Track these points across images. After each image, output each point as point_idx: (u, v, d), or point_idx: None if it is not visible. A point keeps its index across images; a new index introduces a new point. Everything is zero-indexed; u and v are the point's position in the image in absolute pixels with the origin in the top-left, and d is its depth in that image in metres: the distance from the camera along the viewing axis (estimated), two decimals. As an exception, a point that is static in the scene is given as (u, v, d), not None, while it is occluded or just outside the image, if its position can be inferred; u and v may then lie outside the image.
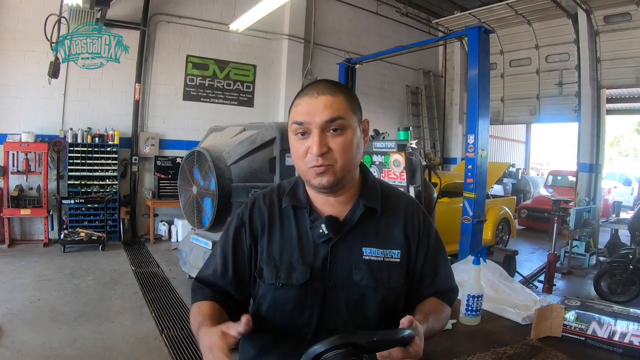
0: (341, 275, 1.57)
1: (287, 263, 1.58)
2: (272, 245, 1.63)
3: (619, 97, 15.22)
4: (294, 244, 1.61)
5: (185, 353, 4.77)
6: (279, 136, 6.23)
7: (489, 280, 2.80)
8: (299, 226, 1.63)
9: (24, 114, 9.03)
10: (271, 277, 1.58)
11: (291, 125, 1.52)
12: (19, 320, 5.31)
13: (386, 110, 14.23)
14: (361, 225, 1.61)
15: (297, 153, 1.52)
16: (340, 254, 1.58)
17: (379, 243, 1.62)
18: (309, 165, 1.49)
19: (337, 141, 1.47)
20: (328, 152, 1.47)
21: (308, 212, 1.62)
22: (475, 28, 6.80)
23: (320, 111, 1.45)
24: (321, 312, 1.56)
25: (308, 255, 1.58)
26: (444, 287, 1.74)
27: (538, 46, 12.43)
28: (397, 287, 1.62)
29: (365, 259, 1.59)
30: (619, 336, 2.06)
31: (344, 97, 1.50)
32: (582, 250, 9.25)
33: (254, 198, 1.75)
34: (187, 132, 10.77)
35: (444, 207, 7.94)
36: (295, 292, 1.57)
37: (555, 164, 26.88)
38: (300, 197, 1.65)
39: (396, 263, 1.62)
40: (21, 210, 8.64)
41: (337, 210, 1.62)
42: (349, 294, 1.57)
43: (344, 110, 1.48)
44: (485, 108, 6.80)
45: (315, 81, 1.56)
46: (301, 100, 1.51)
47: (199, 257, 6.50)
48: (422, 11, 14.66)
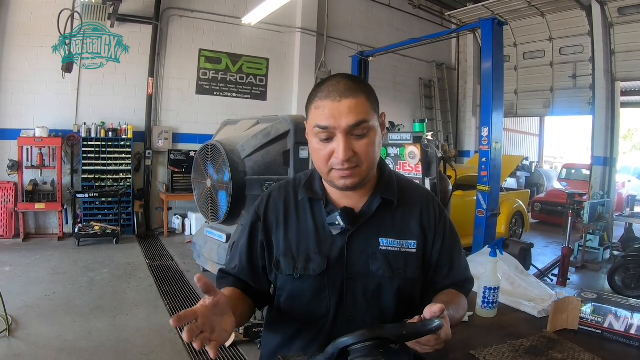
0: (358, 266, 1.58)
1: (304, 254, 1.60)
2: (288, 237, 1.64)
3: (633, 90, 15.07)
4: (310, 236, 1.62)
5: (200, 346, 4.78)
6: (293, 129, 6.22)
7: (505, 273, 2.80)
8: (316, 218, 1.65)
9: (38, 109, 9.09)
10: (289, 269, 1.61)
11: (313, 129, 1.50)
12: (34, 313, 5.36)
13: (399, 103, 14.19)
14: (378, 217, 1.62)
15: (319, 155, 1.51)
16: (357, 245, 1.59)
17: (395, 234, 1.63)
18: (332, 167, 1.49)
19: (362, 144, 1.48)
20: (353, 156, 1.47)
21: (324, 204, 1.63)
22: (489, 20, 6.75)
23: (345, 115, 1.44)
24: (338, 302, 1.58)
25: (325, 246, 1.60)
26: (460, 278, 1.76)
27: (552, 38, 12.33)
28: (414, 277, 1.64)
29: (382, 249, 1.60)
30: (635, 329, 2.05)
31: (365, 98, 1.49)
32: (596, 244, 9.18)
33: (270, 191, 1.77)
34: (200, 126, 10.81)
35: (458, 200, 7.90)
36: (313, 282, 1.59)
37: (569, 157, 26.79)
38: (316, 189, 1.66)
39: (412, 254, 1.64)
40: (36, 205, 8.70)
41: (353, 202, 1.63)
42: (366, 284, 1.58)
43: (366, 112, 1.48)
44: (499, 100, 6.75)
45: (333, 78, 1.53)
46: (323, 102, 1.48)
47: (213, 250, 6.53)
48: (435, 3, 14.58)
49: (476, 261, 2.87)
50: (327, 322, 1.59)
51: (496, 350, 2.00)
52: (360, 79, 1.59)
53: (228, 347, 4.71)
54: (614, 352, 2.01)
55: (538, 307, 2.43)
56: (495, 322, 2.35)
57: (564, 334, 2.18)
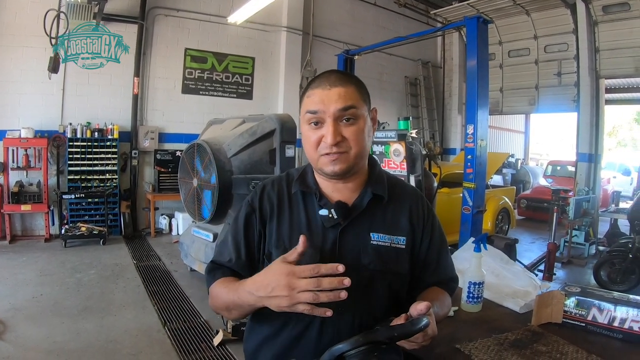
0: (350, 259, 1.58)
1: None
2: (281, 229, 1.66)
3: (618, 87, 15.21)
4: (303, 229, 1.63)
5: (188, 345, 4.79)
6: (279, 128, 6.25)
7: (490, 266, 2.82)
8: (308, 211, 1.67)
9: (23, 110, 9.02)
10: None
11: (304, 115, 1.55)
12: (22, 315, 5.33)
13: (385, 101, 14.18)
14: (369, 212, 1.65)
15: (309, 141, 1.56)
16: (348, 239, 1.61)
17: (385, 229, 1.66)
18: (321, 152, 1.53)
19: (351, 130, 1.52)
20: (342, 141, 1.51)
21: (317, 197, 1.66)
22: (474, 18, 6.80)
23: (334, 101, 1.50)
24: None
25: (317, 239, 1.61)
26: (446, 276, 1.79)
27: (537, 36, 12.41)
28: (403, 272, 1.67)
29: (373, 243, 1.62)
30: (618, 322, 2.08)
31: (355, 88, 1.55)
32: (581, 240, 9.26)
33: (263, 185, 1.78)
34: (186, 126, 10.77)
35: (443, 197, 7.96)
36: None
37: (555, 154, 26.91)
38: (309, 183, 1.69)
39: (402, 249, 1.66)
40: (22, 206, 8.64)
41: (345, 197, 1.66)
42: (357, 277, 1.57)
43: (355, 99, 1.53)
44: (484, 98, 6.80)
45: (326, 72, 1.60)
46: (314, 91, 1.54)
47: (200, 249, 6.52)
48: (421, 2, 14.60)
49: (461, 256, 2.90)
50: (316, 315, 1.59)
51: (481, 344, 2.02)
52: (351, 74, 1.66)
53: (216, 346, 4.72)
54: (597, 344, 2.04)
55: (520, 302, 2.45)
56: (480, 316, 2.37)
57: (549, 327, 2.20)
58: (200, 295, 6.18)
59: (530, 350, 1.96)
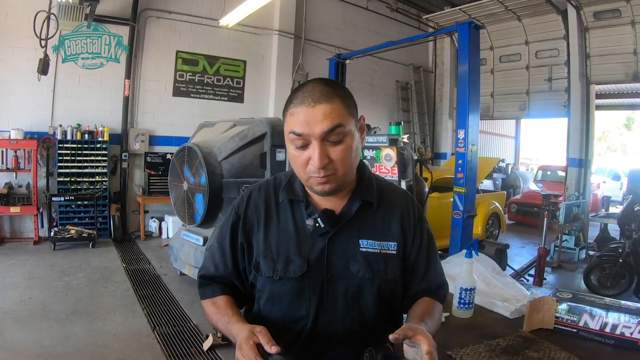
0: (338, 268, 1.58)
1: (284, 256, 1.59)
2: (268, 238, 1.64)
3: (608, 93, 15.28)
4: (290, 237, 1.61)
5: (178, 350, 4.75)
6: (270, 131, 6.24)
7: (482, 274, 2.82)
8: (296, 219, 1.64)
9: (13, 111, 8.96)
10: (268, 271, 1.59)
11: (288, 135, 1.49)
12: (9, 318, 5.28)
13: (376, 105, 14.25)
14: (358, 218, 1.63)
15: (297, 162, 1.51)
16: (337, 247, 1.59)
17: (375, 235, 1.63)
18: (310, 174, 1.49)
19: (338, 150, 1.47)
20: (329, 163, 1.46)
21: (305, 205, 1.63)
22: (466, 24, 6.81)
23: (319, 121, 1.43)
24: (319, 304, 1.57)
25: (305, 248, 1.59)
26: (435, 283, 1.76)
27: (528, 42, 12.46)
28: (393, 278, 1.64)
29: (362, 251, 1.60)
30: (610, 328, 2.09)
31: (340, 102, 1.47)
32: (571, 245, 9.32)
33: (250, 191, 1.75)
34: (177, 128, 10.74)
35: (434, 202, 7.96)
36: (293, 285, 1.58)
37: (545, 159, 27.05)
38: (297, 191, 1.66)
39: (392, 255, 1.64)
40: (10, 208, 8.57)
41: (333, 204, 1.63)
42: (346, 285, 1.58)
43: (342, 116, 1.46)
44: (475, 103, 6.82)
45: (309, 83, 1.52)
46: (297, 109, 1.46)
47: (190, 253, 6.50)
48: (412, 7, 14.63)
49: (453, 262, 2.90)
50: (307, 323, 1.58)
51: (473, 350, 2.01)
52: (336, 83, 1.58)
53: (206, 350, 4.69)
54: (589, 350, 2.05)
55: (510, 308, 2.46)
56: (471, 322, 2.37)
57: (540, 333, 2.21)
58: (189, 299, 6.15)
59: (522, 357, 1.96)
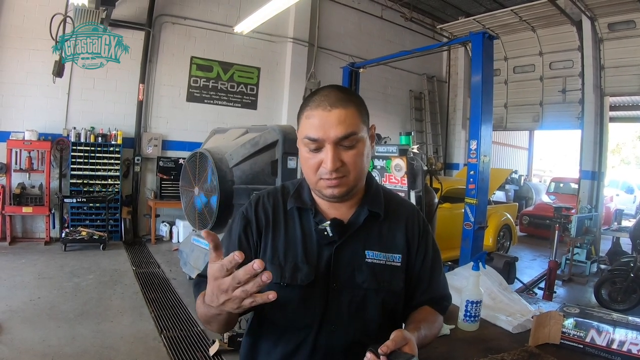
0: (344, 277, 1.58)
1: (291, 263, 1.59)
2: (276, 244, 1.64)
3: (622, 105, 15.21)
4: (298, 245, 1.62)
5: (184, 354, 4.76)
6: (282, 139, 6.25)
7: (488, 288, 2.80)
8: (304, 227, 1.64)
9: (28, 112, 9.06)
10: (276, 277, 1.57)
11: (303, 139, 1.51)
12: (18, 317, 5.32)
13: (389, 115, 14.25)
14: (364, 229, 1.63)
15: (308, 164, 1.53)
16: (343, 256, 1.59)
17: (381, 247, 1.64)
18: (321, 177, 1.51)
19: (350, 155, 1.49)
20: (341, 166, 1.48)
21: (313, 214, 1.64)
22: (480, 34, 6.79)
23: (334, 126, 1.45)
24: (323, 312, 1.57)
25: (312, 256, 1.60)
26: (438, 294, 1.76)
27: (542, 53, 12.44)
28: (398, 290, 1.64)
29: (368, 261, 1.60)
30: (617, 344, 2.06)
31: (355, 109, 1.50)
32: (583, 258, 9.23)
33: (258, 197, 1.76)
34: (190, 134, 10.79)
35: (445, 213, 7.93)
36: (299, 292, 1.58)
37: (558, 171, 26.90)
38: (305, 199, 1.67)
39: (397, 267, 1.64)
40: (23, 208, 8.66)
41: (341, 214, 1.64)
42: (351, 295, 1.58)
43: (356, 123, 1.49)
44: (488, 114, 6.79)
45: (325, 89, 1.55)
46: (313, 112, 1.49)
47: (199, 258, 6.50)
48: (427, 16, 14.66)
49: (460, 274, 2.88)
50: (310, 331, 1.58)
51: (477, 363, 2.00)
52: (351, 91, 1.60)
53: (212, 356, 4.69)
54: (595, 367, 2.03)
55: (514, 322, 2.44)
56: (476, 335, 2.35)
57: (546, 348, 2.18)
58: (198, 304, 6.14)
59: (527, 372, 1.94)
